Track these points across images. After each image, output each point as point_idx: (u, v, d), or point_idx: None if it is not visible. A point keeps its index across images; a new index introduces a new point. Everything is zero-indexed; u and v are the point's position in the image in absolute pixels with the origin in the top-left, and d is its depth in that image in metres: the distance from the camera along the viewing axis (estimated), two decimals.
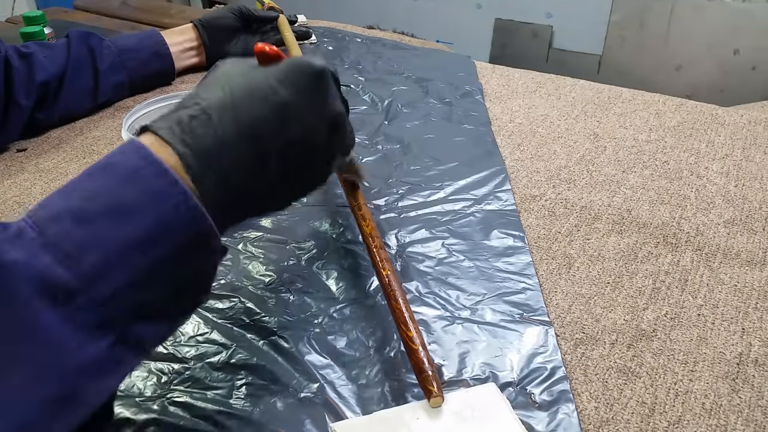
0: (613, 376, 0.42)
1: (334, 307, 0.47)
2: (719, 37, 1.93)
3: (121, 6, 1.28)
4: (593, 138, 0.72)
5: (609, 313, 0.47)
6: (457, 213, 0.58)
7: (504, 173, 0.64)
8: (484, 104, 0.80)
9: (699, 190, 0.62)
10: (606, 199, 0.61)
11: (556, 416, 0.38)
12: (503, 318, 0.46)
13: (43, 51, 0.71)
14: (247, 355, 0.43)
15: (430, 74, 0.88)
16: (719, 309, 0.48)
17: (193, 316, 0.46)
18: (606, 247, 0.54)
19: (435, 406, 0.36)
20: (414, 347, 0.38)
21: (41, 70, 0.70)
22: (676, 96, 0.84)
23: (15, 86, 0.67)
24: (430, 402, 0.36)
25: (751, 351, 0.44)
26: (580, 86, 0.86)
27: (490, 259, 0.52)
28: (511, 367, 0.42)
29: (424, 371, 0.37)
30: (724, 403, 0.40)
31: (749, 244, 0.55)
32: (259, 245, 0.54)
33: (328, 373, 0.41)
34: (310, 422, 0.38)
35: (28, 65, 0.69)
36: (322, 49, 0.97)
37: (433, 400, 0.36)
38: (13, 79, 0.67)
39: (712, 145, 0.71)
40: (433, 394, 0.36)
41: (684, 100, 0.82)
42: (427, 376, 0.36)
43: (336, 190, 0.62)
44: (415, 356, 0.38)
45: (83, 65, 0.74)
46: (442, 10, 2.39)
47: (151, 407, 0.39)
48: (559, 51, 2.24)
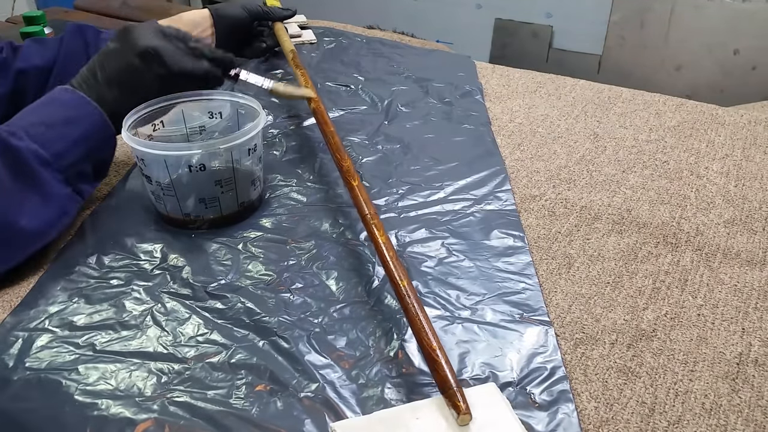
0: (613, 376, 0.42)
1: (334, 307, 0.47)
2: (719, 37, 1.93)
3: (122, 6, 1.28)
4: (593, 138, 0.73)
5: (609, 313, 0.47)
6: (457, 213, 0.58)
7: (504, 173, 0.64)
8: (484, 104, 0.80)
9: (699, 190, 0.62)
10: (606, 199, 0.61)
11: (556, 416, 0.38)
12: (503, 318, 0.46)
13: (34, 45, 0.71)
14: (247, 355, 0.43)
15: (430, 74, 0.88)
16: (719, 309, 0.48)
17: (193, 317, 0.46)
18: (606, 247, 0.54)
19: (463, 424, 0.35)
20: (437, 361, 0.37)
21: (22, 60, 0.68)
22: (676, 96, 0.84)
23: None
24: (458, 419, 0.35)
25: (751, 351, 0.44)
26: (580, 86, 0.86)
27: (490, 259, 0.52)
28: (511, 367, 0.42)
29: (450, 388, 0.36)
30: (724, 403, 0.40)
31: (749, 244, 0.55)
32: (259, 245, 0.54)
33: (328, 373, 0.41)
34: (310, 422, 0.38)
35: (13, 55, 0.69)
36: (321, 48, 0.97)
37: (462, 418, 0.35)
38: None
39: (712, 145, 0.71)
40: (462, 411, 0.35)
41: (684, 100, 0.82)
42: (454, 393, 0.35)
43: (336, 189, 0.62)
44: (440, 372, 0.37)
45: (76, 58, 0.73)
46: (442, 10, 2.39)
47: (151, 407, 0.39)
48: (559, 51, 2.24)
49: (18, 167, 0.50)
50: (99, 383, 0.41)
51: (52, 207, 0.51)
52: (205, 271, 0.50)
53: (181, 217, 0.55)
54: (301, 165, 0.66)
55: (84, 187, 0.55)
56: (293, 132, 0.74)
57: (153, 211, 0.58)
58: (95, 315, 0.46)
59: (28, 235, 0.50)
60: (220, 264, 0.51)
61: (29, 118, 0.53)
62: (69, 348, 0.43)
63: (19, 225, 0.49)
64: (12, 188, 0.49)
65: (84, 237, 0.55)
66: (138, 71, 0.55)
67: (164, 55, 0.55)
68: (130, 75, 0.55)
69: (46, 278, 0.50)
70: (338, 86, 0.84)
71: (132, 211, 0.59)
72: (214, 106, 0.61)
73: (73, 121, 0.53)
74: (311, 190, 0.62)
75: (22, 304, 0.48)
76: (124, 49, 0.55)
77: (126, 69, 0.55)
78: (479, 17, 2.33)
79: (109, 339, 0.44)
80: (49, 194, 0.51)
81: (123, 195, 0.62)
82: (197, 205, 0.54)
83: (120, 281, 0.50)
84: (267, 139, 0.71)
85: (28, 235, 0.50)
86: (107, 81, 0.55)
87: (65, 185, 0.53)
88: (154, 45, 0.55)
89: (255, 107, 0.57)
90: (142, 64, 0.55)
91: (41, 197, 0.51)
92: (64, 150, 0.52)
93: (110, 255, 0.53)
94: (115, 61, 0.55)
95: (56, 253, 0.54)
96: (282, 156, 0.68)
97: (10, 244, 0.50)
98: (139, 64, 0.55)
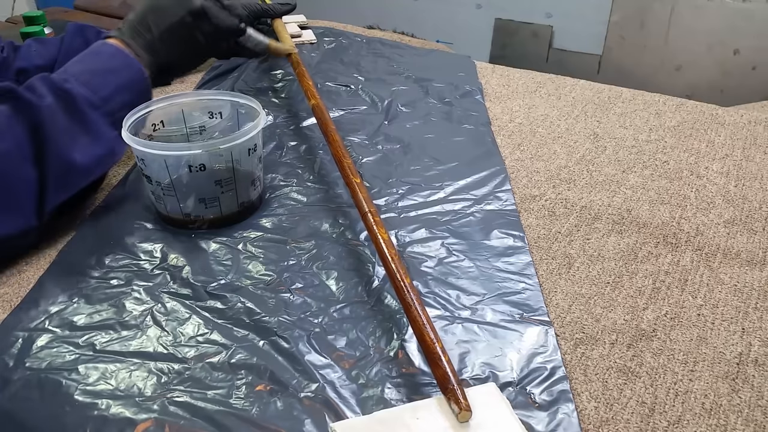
0: (613, 376, 0.42)
1: (334, 307, 0.47)
2: (719, 37, 1.93)
3: (122, 6, 1.28)
4: (593, 138, 0.73)
5: (609, 313, 0.47)
6: (457, 213, 0.58)
7: (504, 173, 0.64)
8: (484, 104, 0.80)
9: (699, 190, 0.62)
10: (606, 199, 0.61)
11: (556, 416, 0.38)
12: (503, 318, 0.46)
13: (35, 44, 0.71)
14: (247, 355, 0.43)
15: (430, 74, 0.88)
16: (719, 309, 0.48)
17: (193, 317, 0.46)
18: (606, 247, 0.54)
19: (463, 420, 0.35)
20: (437, 358, 0.37)
21: (22, 60, 0.69)
22: (676, 96, 0.84)
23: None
24: (459, 416, 0.35)
25: (751, 351, 0.44)
26: (580, 86, 0.86)
27: (490, 259, 0.52)
28: (511, 367, 0.42)
29: (450, 385, 0.36)
30: (724, 403, 0.40)
31: (749, 244, 0.55)
32: (259, 245, 0.54)
33: (328, 373, 0.41)
34: (310, 422, 0.38)
35: (14, 55, 0.69)
36: (321, 48, 0.97)
37: (462, 414, 0.35)
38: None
39: (712, 145, 0.71)
40: (463, 408, 0.35)
41: (684, 100, 0.82)
42: (453, 390, 0.36)
43: (336, 189, 0.62)
44: (439, 369, 0.37)
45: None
46: (442, 10, 2.39)
47: (151, 407, 0.39)
48: (559, 51, 2.24)
49: (71, 109, 0.54)
50: (99, 383, 0.41)
51: (101, 146, 0.56)
52: (205, 271, 0.50)
53: (181, 217, 0.55)
54: (301, 165, 0.66)
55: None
56: (293, 132, 0.74)
57: (153, 211, 0.58)
58: (95, 315, 0.46)
59: (80, 169, 0.54)
60: (220, 264, 0.51)
61: (77, 67, 0.57)
62: (69, 348, 0.43)
63: (73, 159, 0.53)
64: (67, 127, 0.53)
65: (84, 237, 0.55)
66: (189, 27, 0.63)
67: (210, 13, 0.65)
68: (181, 30, 0.63)
69: (47, 278, 0.50)
70: (338, 86, 0.84)
71: (132, 211, 0.59)
72: (214, 106, 0.61)
73: (116, 70, 0.58)
74: (311, 190, 0.62)
75: (22, 303, 0.48)
76: (176, 6, 0.63)
77: (178, 25, 0.63)
78: (479, 17, 2.33)
79: (109, 339, 0.44)
80: (98, 134, 0.55)
81: (123, 195, 0.62)
82: (197, 205, 0.54)
83: (120, 281, 0.50)
84: (267, 139, 0.71)
85: (80, 170, 0.54)
86: (160, 36, 0.62)
87: (112, 128, 0.56)
88: (203, 4, 0.64)
89: (255, 107, 0.57)
90: (193, 21, 0.63)
91: (91, 137, 0.55)
92: (109, 95, 0.56)
93: (110, 255, 0.53)
94: (168, 17, 0.62)
95: (57, 253, 0.54)
96: (282, 156, 0.68)
97: (66, 177, 0.53)
98: (191, 21, 0.63)
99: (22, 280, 0.51)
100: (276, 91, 0.84)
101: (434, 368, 0.38)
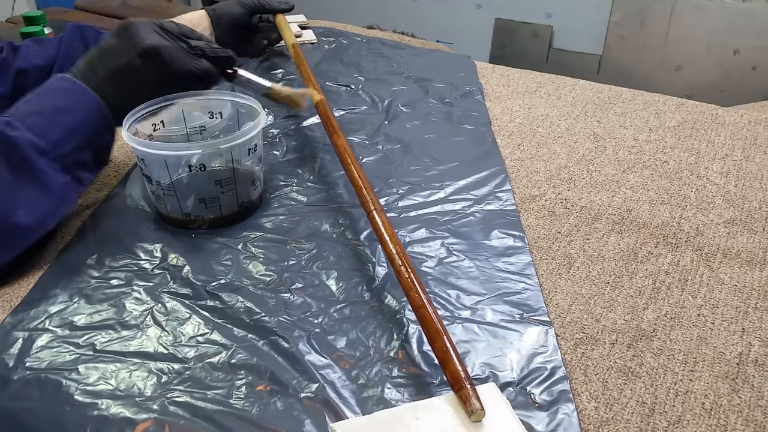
0: (613, 376, 0.42)
1: (334, 307, 0.47)
2: (719, 37, 1.93)
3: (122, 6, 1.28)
4: (593, 138, 0.73)
5: (609, 313, 0.47)
6: (457, 213, 0.58)
7: (504, 173, 0.64)
8: (484, 104, 0.80)
9: (699, 190, 0.62)
10: (606, 199, 0.61)
11: (556, 416, 0.38)
12: (503, 318, 0.46)
13: (34, 45, 0.71)
14: (247, 355, 0.43)
15: (430, 74, 0.88)
16: (719, 309, 0.48)
17: (193, 316, 0.46)
18: (606, 247, 0.54)
19: (476, 420, 0.35)
20: (450, 358, 0.37)
21: (22, 60, 0.69)
22: (676, 96, 0.84)
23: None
24: (471, 417, 0.35)
25: (751, 351, 0.44)
26: (580, 86, 0.86)
27: (490, 259, 0.52)
28: (511, 367, 0.42)
29: (464, 386, 0.36)
30: (724, 403, 0.40)
31: (749, 244, 0.55)
32: (259, 245, 0.54)
33: (328, 373, 0.41)
34: (310, 422, 0.38)
35: (13, 55, 0.69)
36: (322, 48, 0.97)
37: (475, 415, 0.35)
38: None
39: (712, 145, 0.71)
40: (475, 408, 0.35)
41: (684, 100, 0.82)
42: (467, 391, 0.36)
43: (336, 189, 0.62)
44: (451, 369, 0.37)
45: (75, 58, 0.74)
46: (442, 10, 2.39)
47: (151, 407, 0.39)
48: (559, 51, 2.24)
49: (14, 158, 0.50)
50: (99, 383, 0.41)
51: (50, 197, 0.51)
52: (205, 271, 0.50)
53: (181, 217, 0.55)
54: (301, 165, 0.66)
55: (83, 174, 0.55)
56: (293, 132, 0.74)
57: (153, 211, 0.58)
58: (95, 315, 0.46)
59: (24, 228, 0.50)
60: (220, 264, 0.51)
61: (25, 108, 0.52)
62: (69, 348, 0.43)
63: (16, 219, 0.49)
64: (8, 181, 0.49)
65: (84, 237, 0.55)
66: (139, 70, 0.55)
67: (165, 54, 0.55)
68: (130, 73, 0.55)
69: (47, 278, 0.50)
70: (338, 86, 0.84)
71: (132, 211, 0.59)
72: (214, 106, 0.61)
73: (68, 109, 0.53)
74: (311, 190, 0.62)
75: (23, 304, 0.48)
76: (126, 47, 0.55)
77: (127, 67, 0.55)
78: (479, 17, 2.33)
79: (109, 339, 0.44)
80: (46, 184, 0.51)
81: (123, 195, 0.62)
82: (197, 205, 0.54)
83: (120, 281, 0.50)
84: (267, 139, 0.71)
85: (25, 229, 0.50)
86: (107, 78, 0.55)
87: (64, 173, 0.52)
88: (155, 44, 0.54)
89: (255, 107, 0.57)
90: (142, 63, 0.54)
91: (38, 188, 0.51)
92: (60, 138, 0.52)
93: (110, 255, 0.53)
94: (116, 58, 0.55)
95: (57, 253, 0.54)
96: (282, 156, 0.68)
97: (8, 238, 0.50)
98: (140, 63, 0.54)
99: (22, 280, 0.51)
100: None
101: (446, 367, 0.37)
